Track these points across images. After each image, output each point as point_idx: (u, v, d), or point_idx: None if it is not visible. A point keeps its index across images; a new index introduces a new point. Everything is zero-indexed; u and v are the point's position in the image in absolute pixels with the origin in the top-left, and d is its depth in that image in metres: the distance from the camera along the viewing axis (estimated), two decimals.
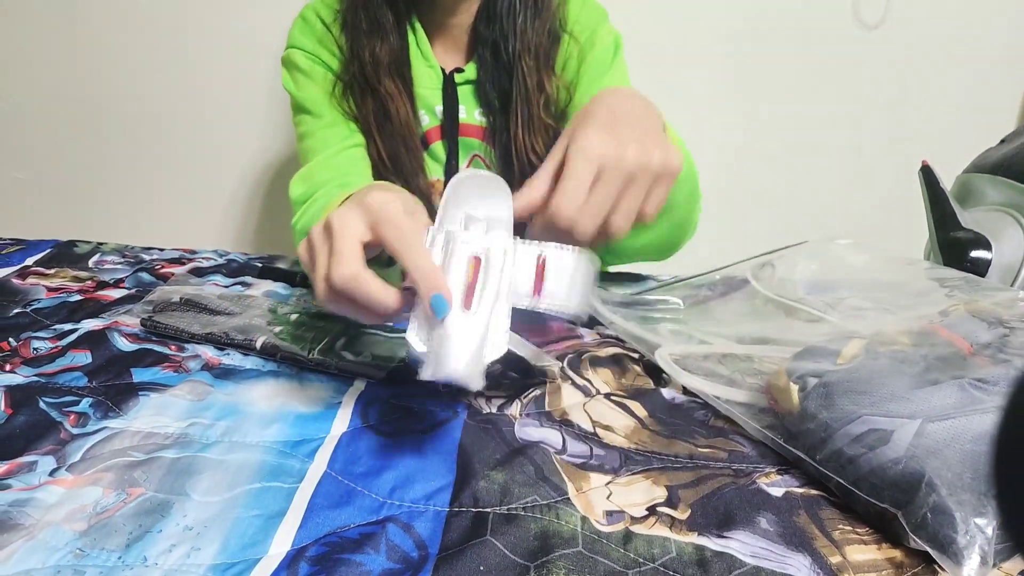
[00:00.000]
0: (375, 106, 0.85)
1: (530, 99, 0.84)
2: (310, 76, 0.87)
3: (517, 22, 0.84)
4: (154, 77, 1.45)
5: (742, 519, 0.41)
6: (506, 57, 0.85)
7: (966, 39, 1.35)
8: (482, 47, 0.86)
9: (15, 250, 0.83)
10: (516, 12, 0.83)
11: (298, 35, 0.89)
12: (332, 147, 0.84)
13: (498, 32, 0.84)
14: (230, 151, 1.51)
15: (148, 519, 0.40)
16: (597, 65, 0.87)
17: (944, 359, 0.45)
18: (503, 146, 0.88)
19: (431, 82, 0.88)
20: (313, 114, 0.86)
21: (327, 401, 0.54)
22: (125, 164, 1.53)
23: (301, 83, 0.88)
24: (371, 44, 0.83)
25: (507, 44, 0.84)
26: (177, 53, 1.43)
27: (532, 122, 0.85)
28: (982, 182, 0.73)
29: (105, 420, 0.49)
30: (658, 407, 0.54)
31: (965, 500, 0.37)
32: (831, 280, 0.66)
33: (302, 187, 0.79)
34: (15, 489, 0.42)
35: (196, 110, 1.47)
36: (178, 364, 0.58)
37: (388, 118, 0.85)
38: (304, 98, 0.87)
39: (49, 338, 0.61)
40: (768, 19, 1.36)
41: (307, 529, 0.40)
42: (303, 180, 0.80)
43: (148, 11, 1.40)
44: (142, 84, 1.46)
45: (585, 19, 0.89)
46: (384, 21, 0.83)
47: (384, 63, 0.83)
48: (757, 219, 1.51)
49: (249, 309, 0.67)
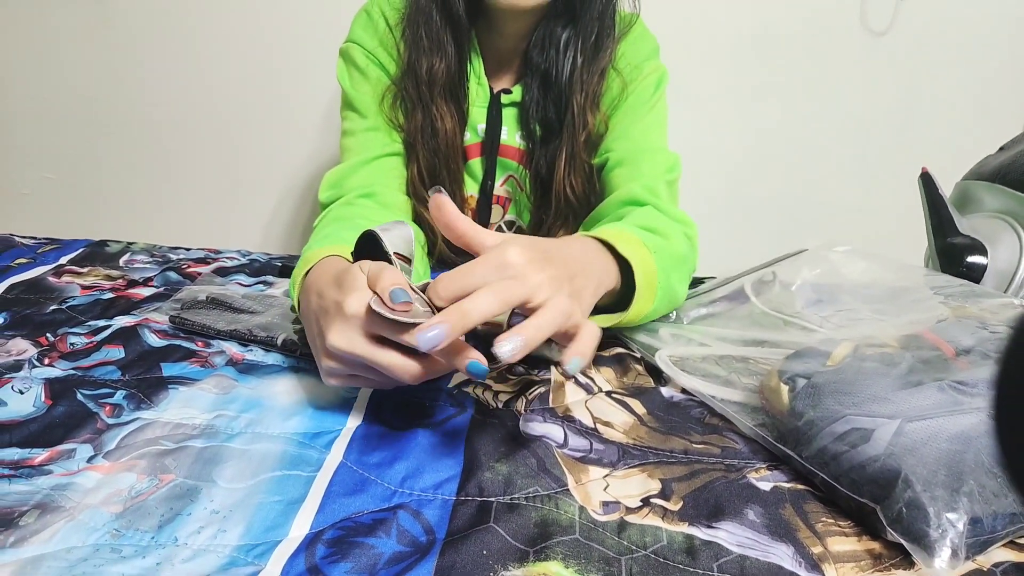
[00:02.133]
0: (423, 121, 0.85)
1: (575, 135, 0.85)
2: (365, 75, 0.86)
3: (577, 60, 0.84)
4: (181, 82, 1.49)
5: (731, 511, 0.44)
6: (556, 89, 0.85)
7: (972, 47, 1.36)
8: (531, 73, 0.86)
9: (50, 249, 0.87)
10: (576, 50, 0.84)
11: (360, 31, 0.88)
12: (369, 152, 0.84)
13: (551, 62, 0.84)
14: (253, 155, 1.55)
15: (178, 503, 0.43)
16: (637, 103, 0.87)
17: (927, 362, 0.47)
18: (537, 171, 0.89)
19: (479, 100, 0.89)
20: (359, 113, 0.86)
21: (343, 396, 0.57)
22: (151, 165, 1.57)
23: (355, 80, 0.87)
24: (429, 61, 0.83)
25: (559, 76, 0.84)
26: (203, 58, 1.47)
27: (574, 157, 0.86)
28: (980, 189, 0.75)
29: (138, 411, 0.52)
30: (657, 405, 0.56)
31: (939, 496, 0.39)
32: (830, 288, 0.68)
33: (330, 191, 0.80)
34: (56, 474, 0.45)
35: (221, 114, 1.51)
36: (204, 359, 0.61)
37: (435, 134, 0.86)
38: (355, 96, 0.87)
39: (84, 333, 0.65)
40: (776, 26, 1.37)
41: (324, 514, 0.43)
42: (332, 185, 0.81)
43: (176, 18, 1.44)
44: (170, 88, 1.50)
45: (632, 53, 0.88)
46: (444, 40, 0.83)
47: (439, 82, 0.84)
48: (763, 223, 1.52)
49: (271, 308, 0.70)
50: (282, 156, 1.55)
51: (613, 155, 0.84)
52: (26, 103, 1.53)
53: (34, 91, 1.52)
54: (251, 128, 1.52)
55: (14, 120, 1.54)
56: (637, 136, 0.85)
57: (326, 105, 1.48)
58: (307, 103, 1.49)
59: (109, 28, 1.45)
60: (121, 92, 1.50)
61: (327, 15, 1.41)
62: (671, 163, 0.83)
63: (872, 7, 1.34)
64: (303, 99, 1.49)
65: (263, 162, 1.55)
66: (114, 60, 1.48)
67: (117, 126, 1.53)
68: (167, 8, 1.43)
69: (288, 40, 1.43)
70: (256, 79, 1.48)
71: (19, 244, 0.88)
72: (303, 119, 1.51)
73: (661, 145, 0.87)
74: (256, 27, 1.44)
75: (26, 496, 0.43)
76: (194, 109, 1.51)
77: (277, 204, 1.59)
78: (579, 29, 0.83)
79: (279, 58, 1.46)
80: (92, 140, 1.55)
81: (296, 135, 1.52)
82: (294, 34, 1.43)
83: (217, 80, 1.49)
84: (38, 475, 0.45)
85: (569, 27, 0.83)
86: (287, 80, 1.47)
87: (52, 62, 1.49)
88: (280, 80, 1.47)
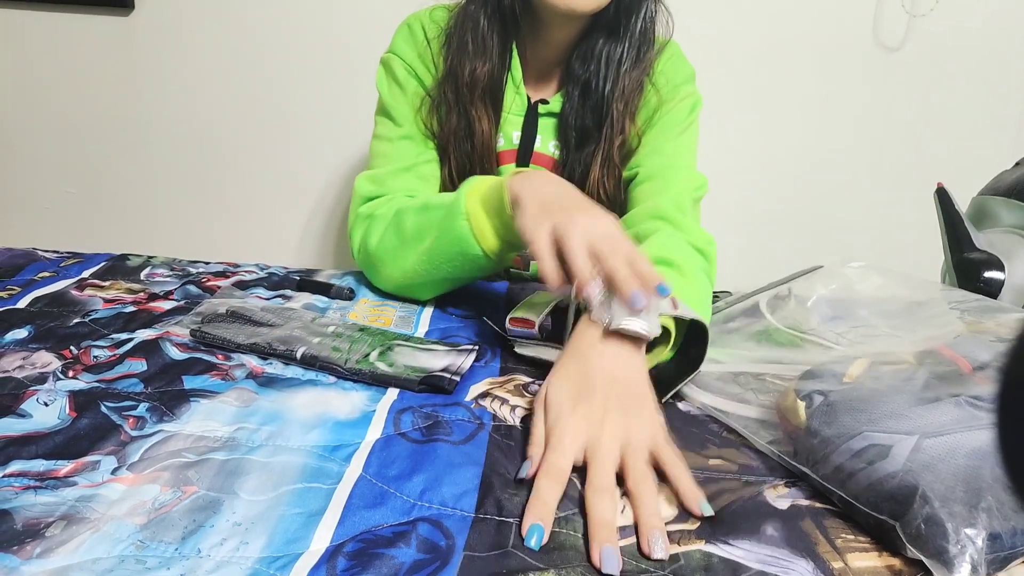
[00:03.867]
0: (459, 124, 0.89)
1: (613, 141, 0.88)
2: (403, 86, 0.90)
3: (620, 70, 0.87)
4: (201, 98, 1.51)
5: (748, 528, 0.44)
6: (595, 98, 0.88)
7: (986, 62, 1.36)
8: (572, 84, 0.89)
9: (73, 263, 0.89)
10: (620, 59, 0.86)
11: (401, 43, 0.92)
12: (406, 160, 0.89)
13: (592, 73, 0.87)
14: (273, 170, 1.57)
15: (201, 515, 0.44)
16: (671, 122, 0.89)
17: (943, 377, 0.47)
18: (571, 175, 0.91)
19: (516, 108, 0.92)
20: (395, 121, 0.90)
21: (362, 409, 0.57)
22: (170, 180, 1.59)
23: (393, 89, 0.91)
24: (472, 64, 0.87)
25: (601, 86, 0.87)
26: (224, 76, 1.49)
27: (610, 163, 0.88)
28: (996, 204, 0.75)
29: (161, 424, 0.53)
30: (674, 420, 0.57)
31: (957, 512, 0.39)
32: (846, 304, 0.68)
33: (373, 187, 0.86)
34: (81, 486, 0.46)
35: (240, 131, 1.53)
36: (225, 372, 0.62)
37: (471, 137, 0.89)
38: (392, 105, 0.91)
39: (107, 346, 0.66)
40: (790, 42, 1.38)
41: (344, 527, 0.43)
42: (375, 181, 0.86)
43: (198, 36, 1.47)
44: (189, 105, 1.52)
45: (671, 72, 0.91)
46: (490, 45, 0.87)
47: (480, 85, 0.87)
48: (778, 238, 1.52)
49: (290, 321, 0.71)
50: (301, 172, 1.57)
51: (643, 170, 0.87)
52: (49, 119, 1.56)
53: (56, 107, 1.55)
54: (271, 144, 1.54)
55: (37, 135, 1.57)
56: (669, 153, 0.88)
57: (347, 122, 1.50)
58: (328, 120, 1.51)
59: (131, 45, 1.48)
60: (142, 109, 1.53)
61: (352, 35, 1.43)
62: (699, 183, 0.86)
63: (885, 23, 1.35)
64: (324, 116, 1.51)
65: (282, 177, 1.57)
66: (136, 77, 1.51)
67: (138, 142, 1.56)
68: (189, 26, 1.46)
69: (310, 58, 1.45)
70: (277, 96, 1.50)
71: (41, 258, 0.90)
72: (324, 136, 1.53)
73: (691, 164, 0.90)
74: (278, 45, 1.46)
75: (52, 507, 0.44)
76: (213, 126, 1.53)
77: (296, 219, 1.61)
78: (621, 42, 0.86)
79: (301, 75, 1.48)
80: (113, 155, 1.57)
81: (317, 152, 1.54)
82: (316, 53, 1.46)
83: (237, 97, 1.51)
84: (63, 487, 0.46)
85: (611, 40, 0.86)
86: (308, 97, 1.49)
87: (75, 79, 1.52)
88: (301, 97, 1.49)
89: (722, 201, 1.47)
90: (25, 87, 1.53)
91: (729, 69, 1.41)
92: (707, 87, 1.42)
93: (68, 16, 1.46)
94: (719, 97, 1.43)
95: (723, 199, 1.47)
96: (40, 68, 1.51)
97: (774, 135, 1.45)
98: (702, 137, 0.89)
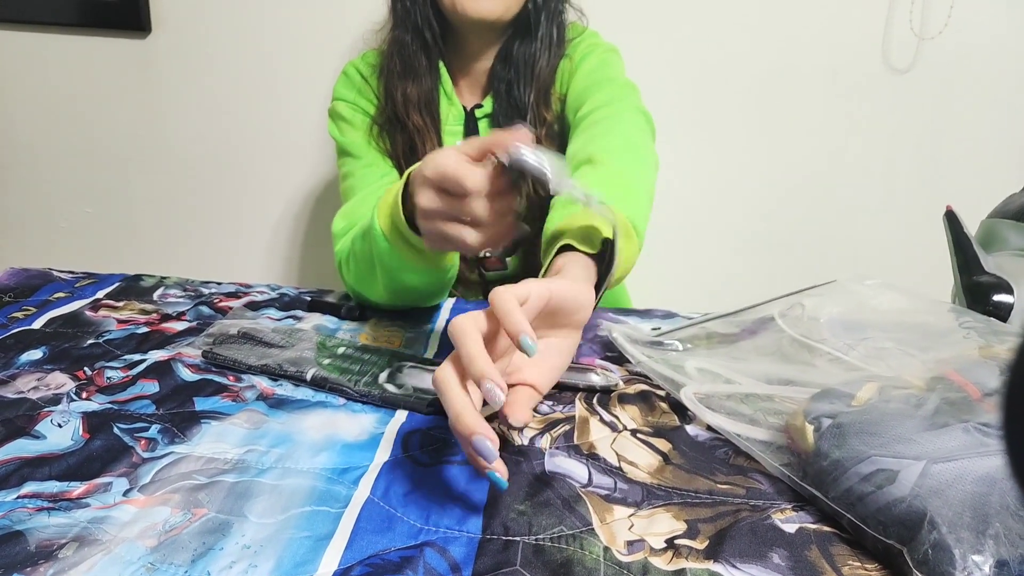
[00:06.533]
0: (404, 141, 0.97)
1: (536, 127, 0.96)
2: (351, 123, 0.98)
3: (536, 68, 0.96)
4: (216, 120, 1.54)
5: (755, 553, 0.44)
6: (518, 93, 0.96)
7: (995, 84, 1.36)
8: (499, 83, 0.98)
9: (87, 283, 0.90)
10: (535, 58, 0.95)
11: (341, 88, 1.02)
12: (371, 184, 0.94)
13: (513, 73, 0.96)
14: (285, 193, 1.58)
15: (211, 537, 0.44)
16: (592, 70, 0.97)
17: (953, 403, 0.47)
18: None
19: (454, 118, 1.00)
20: (354, 156, 0.97)
21: (371, 431, 0.58)
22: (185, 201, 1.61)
23: (344, 129, 0.99)
24: (403, 85, 0.95)
25: (521, 84, 0.96)
26: (239, 98, 1.52)
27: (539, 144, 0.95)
28: (1005, 227, 0.75)
29: (172, 445, 0.54)
30: (682, 443, 0.57)
31: (964, 538, 0.39)
32: (857, 319, 0.68)
33: (343, 222, 0.89)
34: (94, 507, 0.47)
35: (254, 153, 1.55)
36: (236, 394, 0.63)
37: (415, 152, 0.97)
38: (347, 143, 0.98)
39: (120, 368, 0.66)
40: (799, 64, 1.39)
41: (352, 551, 0.43)
42: (344, 216, 0.90)
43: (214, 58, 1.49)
44: (205, 126, 1.54)
45: (584, 47, 0.99)
46: (417, 64, 0.95)
47: (414, 101, 0.96)
48: (788, 260, 1.52)
49: (300, 342, 0.72)
50: (316, 195, 1.58)
51: (583, 123, 0.91)
52: (66, 140, 1.58)
53: (74, 128, 1.57)
54: (284, 167, 1.56)
55: (56, 155, 1.60)
56: (600, 100, 0.93)
57: None
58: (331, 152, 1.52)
59: (148, 68, 1.51)
60: (158, 130, 1.55)
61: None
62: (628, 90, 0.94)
63: (894, 46, 1.35)
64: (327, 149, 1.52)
65: (295, 200, 1.59)
66: (152, 99, 1.53)
67: (153, 163, 1.58)
68: (205, 49, 1.48)
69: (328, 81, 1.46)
70: (293, 118, 1.52)
71: (57, 279, 0.91)
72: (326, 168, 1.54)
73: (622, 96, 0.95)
74: (295, 67, 1.48)
75: (65, 529, 0.44)
76: (228, 147, 1.55)
77: (309, 240, 1.62)
78: (534, 41, 0.95)
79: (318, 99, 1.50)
80: (129, 176, 1.60)
81: (333, 175, 1.55)
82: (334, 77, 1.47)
83: (252, 119, 1.53)
84: (76, 508, 0.46)
85: (527, 42, 0.96)
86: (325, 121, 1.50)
87: (92, 101, 1.55)
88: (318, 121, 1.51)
89: (733, 221, 1.48)
90: (44, 109, 1.55)
91: (739, 92, 1.42)
92: (717, 110, 1.44)
93: (86, 39, 1.49)
94: (729, 119, 1.44)
95: (734, 219, 1.48)
96: (59, 90, 1.54)
97: (784, 157, 1.45)
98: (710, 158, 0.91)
